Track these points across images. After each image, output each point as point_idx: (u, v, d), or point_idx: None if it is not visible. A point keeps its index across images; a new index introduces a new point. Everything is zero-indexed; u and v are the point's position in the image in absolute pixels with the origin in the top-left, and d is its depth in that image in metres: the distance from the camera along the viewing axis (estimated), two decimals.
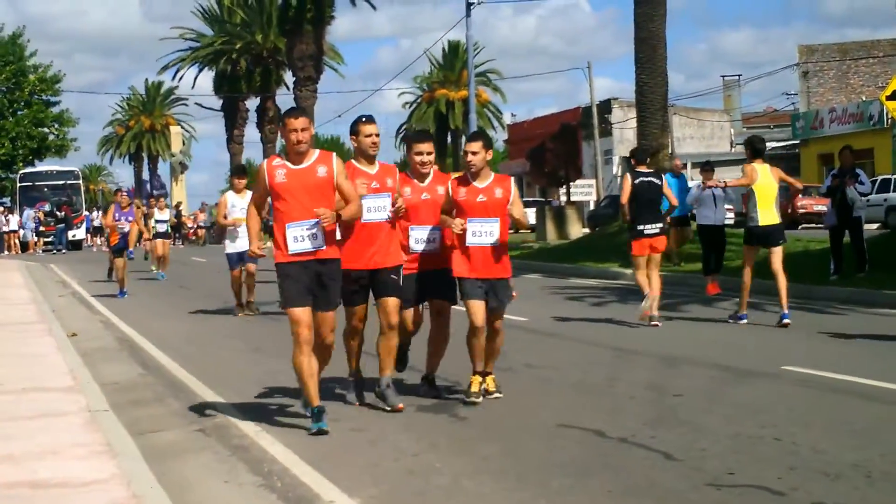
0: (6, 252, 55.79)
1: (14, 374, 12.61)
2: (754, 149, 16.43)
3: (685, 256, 25.72)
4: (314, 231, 9.31)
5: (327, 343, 9.93)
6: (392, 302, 10.39)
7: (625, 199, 16.67)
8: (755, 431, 8.88)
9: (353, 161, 10.43)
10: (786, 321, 15.79)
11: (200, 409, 10.84)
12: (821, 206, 38.40)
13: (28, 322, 18.63)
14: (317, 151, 9.52)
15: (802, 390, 10.86)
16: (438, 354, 11.31)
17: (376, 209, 10.23)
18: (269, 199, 9.84)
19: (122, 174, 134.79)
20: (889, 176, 43.68)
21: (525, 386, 11.62)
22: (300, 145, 9.35)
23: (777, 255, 16.25)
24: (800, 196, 46.76)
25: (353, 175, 10.04)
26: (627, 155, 20.42)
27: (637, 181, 16.57)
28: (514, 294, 10.99)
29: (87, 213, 65.92)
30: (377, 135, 10.40)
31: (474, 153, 10.50)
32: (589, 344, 14.69)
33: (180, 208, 68.49)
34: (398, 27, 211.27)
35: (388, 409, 10.33)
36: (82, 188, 69.21)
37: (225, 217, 20.12)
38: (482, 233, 10.47)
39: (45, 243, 58.22)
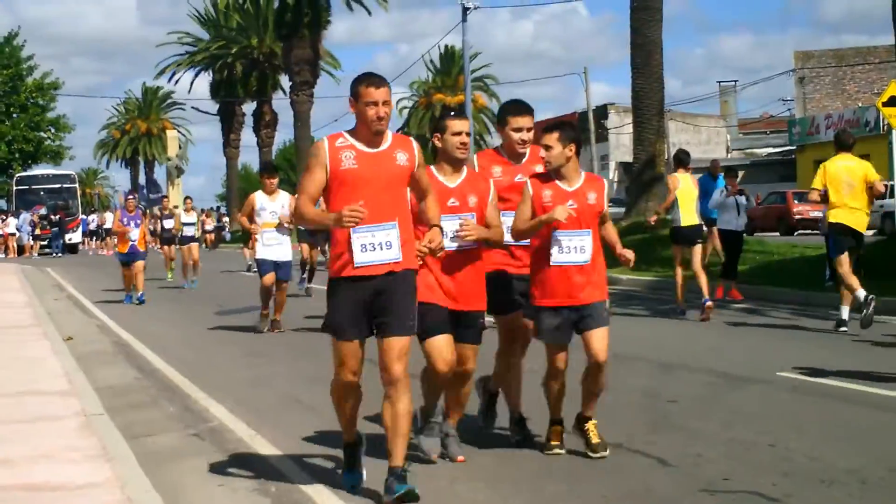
0: (2, 255, 55.77)
1: (9, 378, 12.60)
2: (679, 160, 19.01)
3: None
4: (390, 238, 7.18)
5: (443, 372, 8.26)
6: (473, 349, 8.43)
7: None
8: (750, 437, 8.88)
9: (431, 168, 8.33)
10: (708, 304, 17.75)
11: (196, 413, 10.84)
12: (817, 212, 38.40)
13: (24, 325, 18.61)
14: (390, 132, 7.43)
15: (797, 396, 10.87)
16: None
17: (451, 235, 8.00)
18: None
19: (119, 178, 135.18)
20: (886, 182, 43.71)
21: None
22: (381, 123, 7.19)
23: (697, 253, 18.56)
24: (795, 202, 46.85)
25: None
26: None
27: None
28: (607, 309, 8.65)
29: (83, 216, 65.92)
30: (467, 133, 8.41)
31: (549, 148, 8.32)
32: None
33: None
34: (396, 32, 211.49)
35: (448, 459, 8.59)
36: (78, 192, 69.24)
37: (251, 220, 17.73)
38: (571, 248, 8.32)
39: (42, 247, 58.25)
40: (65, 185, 66.28)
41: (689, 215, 18.43)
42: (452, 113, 8.63)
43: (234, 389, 12.15)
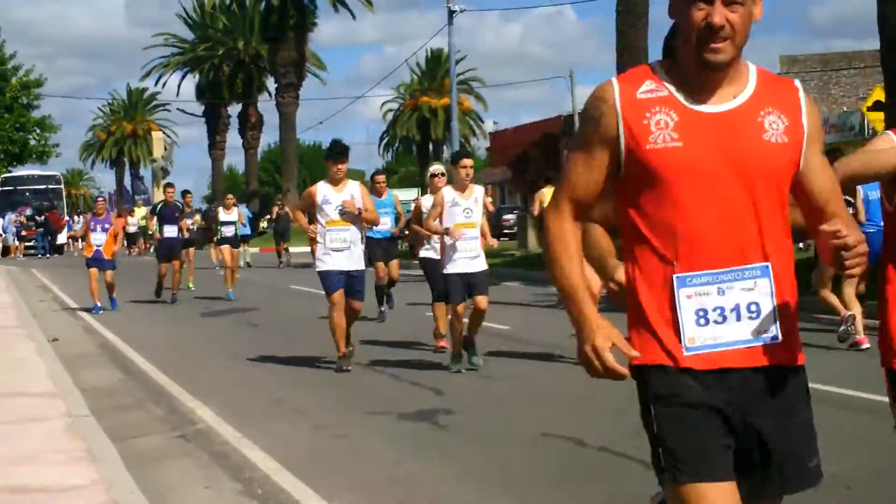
0: None
1: None
2: (547, 181, 22.00)
3: None
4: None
5: None
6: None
7: None
8: None
9: None
10: None
11: (181, 415, 10.83)
12: None
13: (8, 327, 18.56)
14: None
15: None
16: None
17: None
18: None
19: (104, 179, 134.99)
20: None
21: (507, 395, 11.63)
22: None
23: None
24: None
25: None
26: None
27: None
28: None
29: (67, 217, 65.72)
30: None
31: None
32: (570, 353, 14.70)
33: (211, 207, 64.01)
34: (384, 34, 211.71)
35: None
36: (64, 193, 69.07)
37: (309, 218, 14.26)
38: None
39: (27, 248, 58.06)
40: (50, 186, 66.14)
41: None
42: None
43: (221, 391, 12.14)
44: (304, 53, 69.20)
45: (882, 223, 5.16)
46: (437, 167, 15.25)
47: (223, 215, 26.56)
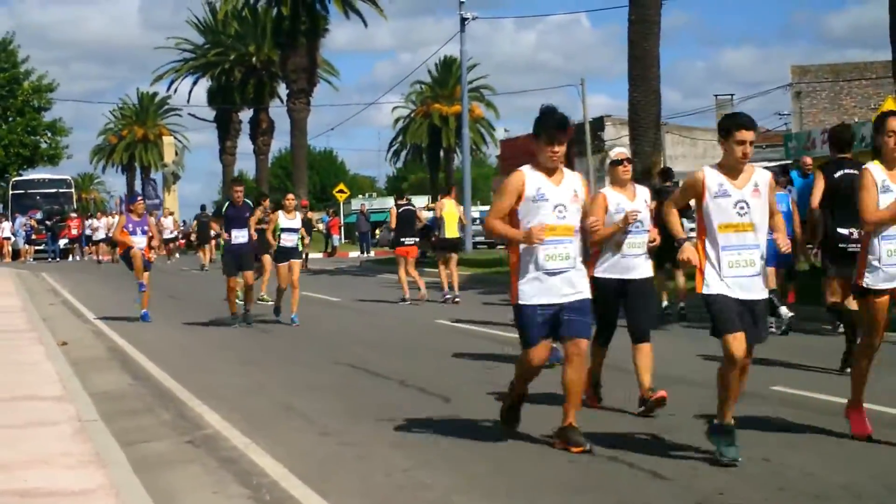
0: None
1: (3, 383, 12.60)
2: (445, 190, 26.43)
3: None
4: None
5: None
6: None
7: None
8: (744, 451, 8.87)
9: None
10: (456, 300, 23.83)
11: (190, 420, 10.83)
12: None
13: (18, 330, 18.59)
14: None
15: (792, 411, 10.85)
16: None
17: None
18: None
19: (115, 183, 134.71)
20: None
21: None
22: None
23: (453, 260, 25.26)
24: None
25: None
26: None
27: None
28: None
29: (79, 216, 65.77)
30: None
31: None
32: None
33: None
34: (398, 40, 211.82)
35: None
36: (74, 196, 69.18)
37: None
38: None
39: (37, 251, 58.18)
40: (61, 190, 66.28)
41: (451, 230, 25.45)
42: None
43: (229, 397, 12.15)
44: (315, 59, 69.19)
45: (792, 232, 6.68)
46: (620, 150, 11.34)
47: (284, 220, 20.71)
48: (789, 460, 8.63)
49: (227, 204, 21.01)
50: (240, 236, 20.30)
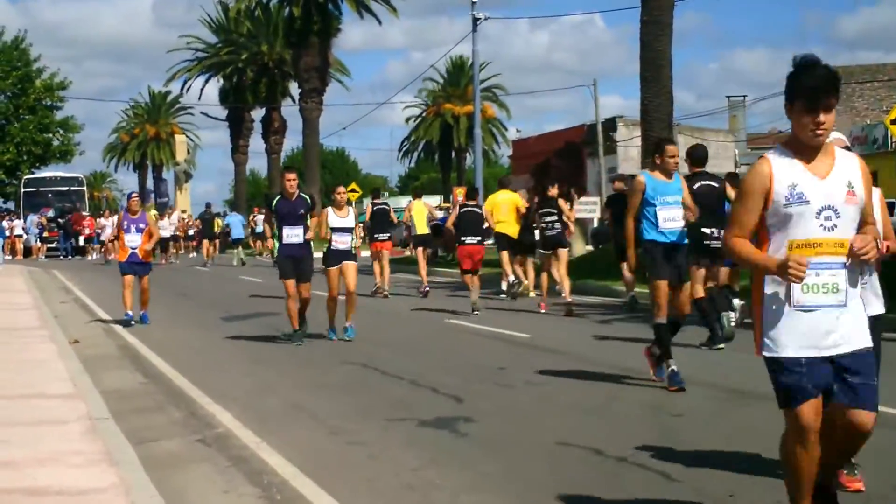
0: (9, 257, 55.82)
1: (15, 380, 12.62)
2: (414, 192, 29.72)
3: None
4: None
5: None
6: None
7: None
8: (755, 453, 8.87)
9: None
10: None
11: (201, 419, 10.85)
12: None
13: (30, 328, 18.63)
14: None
15: None
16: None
17: None
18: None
19: (127, 182, 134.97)
20: (894, 200, 43.76)
21: (526, 403, 11.61)
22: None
23: (420, 253, 27.90)
24: None
25: None
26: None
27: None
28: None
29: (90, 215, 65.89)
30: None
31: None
32: (590, 362, 14.67)
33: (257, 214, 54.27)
34: (411, 39, 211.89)
35: None
36: (86, 195, 69.28)
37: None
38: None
39: (49, 249, 58.29)
40: (72, 188, 66.36)
41: (422, 226, 27.53)
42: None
43: (240, 396, 12.16)
44: (327, 59, 69.26)
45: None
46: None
47: (334, 218, 17.65)
48: None
49: (277, 197, 17.59)
50: (293, 235, 17.25)
